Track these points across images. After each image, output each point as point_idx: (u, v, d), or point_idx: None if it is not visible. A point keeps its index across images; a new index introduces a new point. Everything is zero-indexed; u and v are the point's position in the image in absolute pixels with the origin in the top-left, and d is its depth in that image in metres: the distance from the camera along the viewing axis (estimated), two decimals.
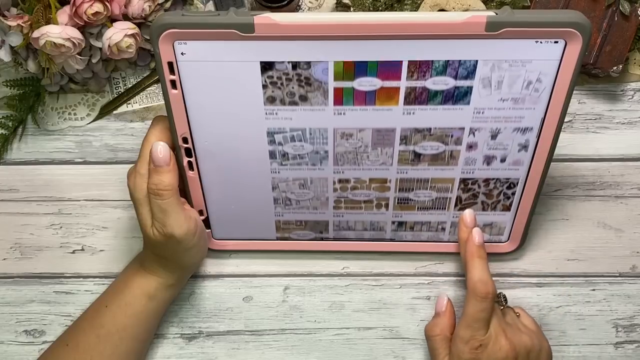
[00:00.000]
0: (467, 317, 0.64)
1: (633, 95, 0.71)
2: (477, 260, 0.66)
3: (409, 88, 0.58)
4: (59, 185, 0.74)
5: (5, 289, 0.76)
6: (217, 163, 0.64)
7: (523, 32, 0.53)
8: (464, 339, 0.64)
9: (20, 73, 0.71)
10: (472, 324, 0.64)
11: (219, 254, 0.75)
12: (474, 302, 0.64)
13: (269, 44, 0.54)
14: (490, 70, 0.57)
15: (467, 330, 0.64)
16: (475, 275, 0.64)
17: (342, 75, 0.58)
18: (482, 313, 0.64)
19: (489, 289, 0.64)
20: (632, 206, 0.73)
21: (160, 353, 0.75)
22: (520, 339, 0.65)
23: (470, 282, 0.65)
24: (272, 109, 0.60)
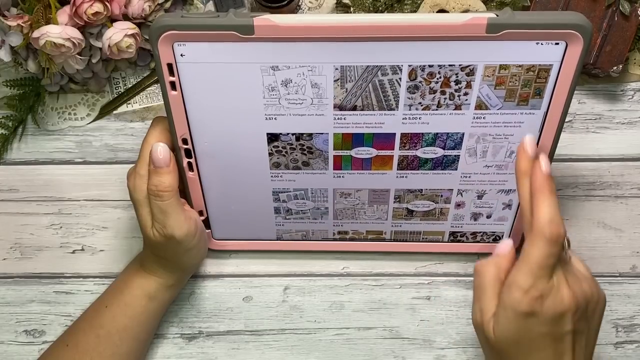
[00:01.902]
0: (531, 263, 0.52)
1: (633, 95, 0.71)
2: (548, 194, 0.52)
3: (402, 156, 0.64)
4: (59, 185, 0.74)
5: (5, 289, 0.76)
6: (216, 164, 0.64)
7: (524, 33, 0.52)
8: (522, 287, 0.52)
9: (20, 73, 0.71)
10: (535, 271, 0.52)
11: (219, 254, 0.75)
12: (542, 245, 0.52)
13: (268, 45, 0.54)
14: (475, 142, 0.62)
15: (528, 278, 0.52)
16: (546, 213, 0.52)
17: (341, 145, 0.63)
18: (550, 259, 0.52)
19: (561, 231, 0.52)
20: (632, 206, 0.73)
21: (160, 353, 0.75)
22: (582, 288, 0.54)
23: (538, 223, 0.52)
24: (277, 173, 0.66)
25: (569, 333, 0.54)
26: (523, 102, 0.59)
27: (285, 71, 0.57)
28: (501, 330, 0.54)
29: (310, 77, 0.58)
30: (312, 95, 0.59)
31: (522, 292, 0.52)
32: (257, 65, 0.56)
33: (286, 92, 0.59)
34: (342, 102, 0.60)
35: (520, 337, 0.54)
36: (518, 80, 0.57)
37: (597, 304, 0.56)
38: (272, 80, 0.58)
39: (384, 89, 0.59)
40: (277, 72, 0.57)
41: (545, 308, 0.53)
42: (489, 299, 0.56)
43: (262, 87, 0.58)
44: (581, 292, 0.54)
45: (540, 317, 0.53)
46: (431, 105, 0.60)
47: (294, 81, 0.58)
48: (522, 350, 0.54)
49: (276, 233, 0.71)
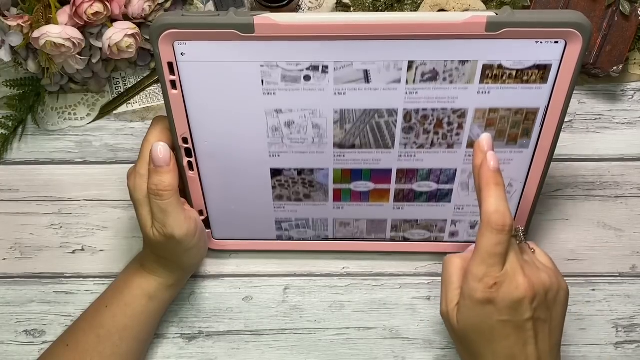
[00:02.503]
0: (481, 251, 0.55)
1: (633, 95, 0.71)
2: (494, 187, 0.55)
3: (398, 189, 0.67)
4: (59, 185, 0.74)
5: (5, 289, 0.76)
6: (217, 163, 0.64)
7: (523, 32, 0.53)
8: (477, 276, 0.56)
9: (20, 73, 0.71)
10: (486, 260, 0.55)
11: (219, 254, 0.75)
12: (489, 235, 0.55)
13: (269, 44, 0.54)
14: (467, 177, 0.66)
15: (480, 267, 0.55)
16: (492, 204, 0.55)
17: (340, 179, 0.66)
18: (498, 247, 0.55)
19: (507, 220, 0.54)
20: (632, 206, 0.73)
21: (160, 353, 0.75)
22: (539, 277, 0.57)
23: (485, 213, 0.55)
24: (280, 204, 0.69)
25: (529, 320, 0.56)
26: (512, 142, 0.62)
27: (288, 114, 0.60)
28: (463, 319, 0.58)
29: (311, 119, 0.61)
30: (313, 135, 0.62)
31: (477, 281, 0.56)
32: (257, 64, 0.56)
33: (289, 132, 0.62)
34: (341, 141, 0.63)
35: (481, 324, 0.57)
36: (507, 122, 0.61)
37: (557, 292, 0.58)
38: (276, 121, 0.61)
39: (380, 129, 0.62)
40: (280, 115, 0.61)
41: (501, 295, 0.55)
42: (453, 287, 0.59)
43: (267, 127, 0.62)
44: (538, 280, 0.56)
45: (497, 304, 0.55)
46: (425, 144, 0.63)
47: (296, 122, 0.61)
48: (485, 338, 0.57)
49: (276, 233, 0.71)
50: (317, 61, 0.56)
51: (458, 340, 0.60)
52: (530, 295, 0.55)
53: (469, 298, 0.57)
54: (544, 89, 0.58)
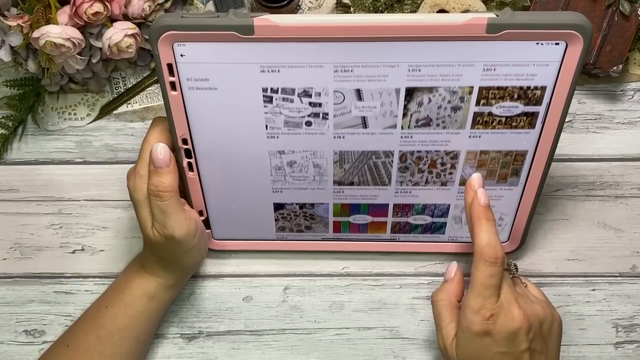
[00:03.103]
0: (476, 284, 0.58)
1: (633, 95, 0.71)
2: (484, 222, 0.59)
3: (394, 222, 0.71)
4: (59, 185, 0.74)
5: (5, 289, 0.76)
6: (216, 164, 0.64)
7: (524, 34, 0.52)
8: (474, 308, 0.58)
9: (20, 73, 0.71)
10: (482, 292, 0.58)
11: (219, 254, 0.75)
12: (483, 267, 0.58)
13: (268, 45, 0.54)
14: (460, 211, 0.69)
15: (477, 299, 0.58)
16: (483, 238, 0.58)
17: (339, 212, 0.70)
18: (492, 279, 0.58)
19: (498, 253, 0.58)
20: (632, 206, 0.73)
21: (160, 353, 0.75)
22: (533, 308, 0.60)
23: (477, 247, 0.58)
24: (282, 235, 0.72)
25: (526, 351, 0.59)
26: (502, 180, 0.66)
27: (290, 155, 0.64)
28: (462, 352, 0.60)
29: (312, 159, 0.64)
30: (314, 173, 0.66)
31: (474, 313, 0.58)
32: (257, 66, 0.56)
33: (291, 171, 0.66)
34: (340, 178, 0.66)
35: (480, 356, 0.60)
36: (497, 162, 0.64)
37: (551, 324, 0.61)
38: (279, 161, 0.64)
39: (377, 169, 0.65)
40: (283, 156, 0.64)
41: (498, 327, 0.58)
42: (446, 322, 0.63)
43: (270, 166, 0.65)
44: (533, 312, 0.59)
45: (494, 336, 0.58)
46: (420, 182, 0.67)
47: (298, 162, 0.65)
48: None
49: (276, 233, 0.72)
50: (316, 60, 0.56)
51: None
52: (526, 326, 0.58)
53: (467, 330, 0.59)
54: (531, 133, 0.61)
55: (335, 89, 0.58)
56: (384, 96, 0.59)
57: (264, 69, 0.57)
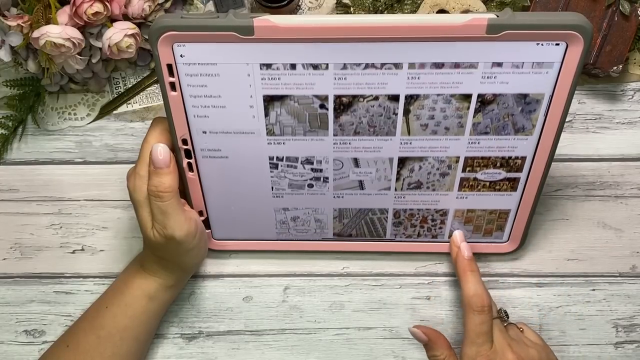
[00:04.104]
0: (469, 333, 0.64)
1: (633, 95, 0.71)
2: (469, 274, 0.66)
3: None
4: (59, 185, 0.74)
5: (5, 289, 0.76)
6: (216, 164, 0.64)
7: (524, 34, 0.52)
8: (470, 356, 0.64)
9: (20, 73, 0.71)
10: (475, 340, 0.63)
11: (219, 254, 0.75)
12: (472, 316, 0.64)
13: (268, 46, 0.54)
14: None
15: (471, 347, 0.64)
16: (470, 289, 0.65)
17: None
18: (482, 326, 0.63)
19: (484, 301, 0.64)
20: (632, 206, 0.73)
21: (160, 353, 0.76)
22: (528, 353, 0.64)
23: (465, 298, 0.65)
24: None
25: None
26: (488, 234, 0.71)
27: (293, 211, 0.69)
28: None
29: (314, 215, 0.70)
30: (316, 227, 0.71)
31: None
32: (256, 66, 0.56)
33: (294, 225, 0.71)
34: (340, 231, 0.72)
35: None
36: (483, 219, 0.70)
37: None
38: (283, 216, 0.70)
39: (373, 223, 0.71)
40: (287, 212, 0.69)
41: None
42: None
43: (275, 221, 0.70)
44: (527, 356, 0.64)
45: None
46: (412, 235, 0.72)
47: (301, 218, 0.70)
48: None
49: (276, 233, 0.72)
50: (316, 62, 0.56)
51: None
52: None
53: None
54: (513, 195, 0.67)
55: (335, 157, 0.64)
56: (379, 164, 0.65)
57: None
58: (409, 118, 0.61)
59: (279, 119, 0.61)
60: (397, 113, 0.60)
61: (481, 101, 0.59)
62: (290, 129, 0.62)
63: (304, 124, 0.61)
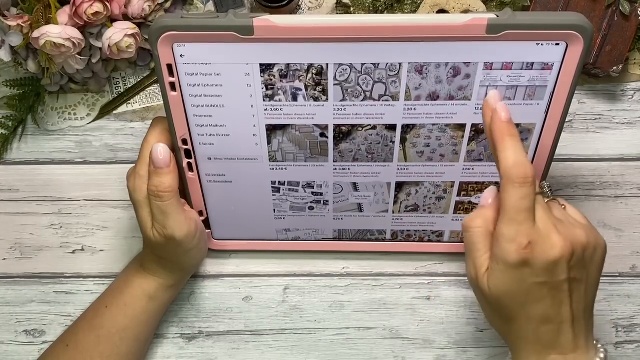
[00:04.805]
0: (508, 209, 0.52)
1: (633, 95, 0.71)
2: (508, 140, 0.53)
3: None
4: (59, 185, 0.74)
5: (5, 289, 0.76)
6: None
7: (524, 34, 0.52)
8: (508, 237, 0.52)
9: (20, 73, 0.71)
10: (514, 217, 0.52)
11: (219, 254, 0.75)
12: (512, 190, 0.52)
13: (268, 46, 0.54)
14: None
15: (510, 226, 0.52)
16: (509, 157, 0.52)
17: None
18: (524, 201, 0.52)
19: (528, 171, 0.51)
20: (632, 206, 0.73)
21: (160, 353, 0.75)
22: (575, 234, 0.53)
23: (503, 169, 0.52)
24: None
25: (566, 282, 0.53)
26: None
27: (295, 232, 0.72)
28: (496, 285, 0.54)
29: (314, 235, 0.72)
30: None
31: (509, 242, 0.52)
32: (256, 66, 0.56)
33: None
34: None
35: (516, 288, 0.53)
36: None
37: (594, 250, 0.55)
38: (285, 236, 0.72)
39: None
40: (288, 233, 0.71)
41: (536, 256, 0.52)
42: (480, 253, 0.55)
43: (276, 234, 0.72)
44: (574, 239, 0.53)
45: (533, 266, 0.52)
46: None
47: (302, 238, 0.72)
48: (519, 301, 0.54)
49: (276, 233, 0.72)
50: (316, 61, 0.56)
51: (489, 306, 0.56)
52: (568, 253, 0.52)
53: (503, 262, 0.53)
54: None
55: (335, 182, 0.66)
56: (377, 188, 0.67)
57: (273, 167, 0.64)
58: (405, 146, 0.63)
59: (281, 146, 0.63)
60: (395, 141, 0.63)
61: (475, 130, 0.62)
62: (292, 156, 0.64)
63: (305, 151, 0.64)
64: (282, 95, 0.59)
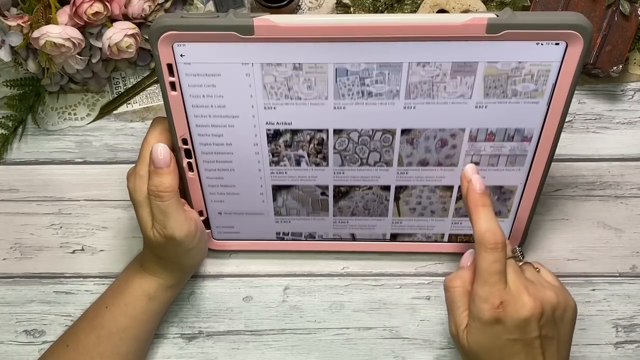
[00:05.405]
0: (481, 272, 0.58)
1: (633, 95, 0.71)
2: (481, 209, 0.59)
3: None
4: (59, 185, 0.74)
5: (5, 289, 0.76)
6: (216, 164, 0.64)
7: (524, 34, 0.52)
8: (482, 297, 0.57)
9: (20, 73, 0.71)
10: (487, 279, 0.57)
11: (219, 254, 0.75)
12: (484, 254, 0.57)
13: (268, 46, 0.54)
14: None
15: (484, 287, 0.57)
16: (482, 225, 0.58)
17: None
18: (495, 265, 0.57)
19: (498, 238, 0.57)
20: (632, 206, 0.73)
21: (160, 353, 0.75)
22: (544, 295, 0.59)
23: (477, 234, 0.58)
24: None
25: (537, 339, 0.58)
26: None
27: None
28: (474, 340, 0.59)
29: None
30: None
31: (483, 302, 0.58)
32: (257, 66, 0.56)
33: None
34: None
35: (491, 344, 0.58)
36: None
37: (564, 310, 0.60)
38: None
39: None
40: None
41: (508, 315, 0.57)
42: (460, 311, 0.61)
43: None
44: (544, 299, 0.58)
45: (505, 324, 0.57)
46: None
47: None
48: (495, 356, 0.59)
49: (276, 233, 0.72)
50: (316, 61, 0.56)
51: (468, 359, 0.61)
52: (537, 313, 0.57)
53: (478, 319, 0.58)
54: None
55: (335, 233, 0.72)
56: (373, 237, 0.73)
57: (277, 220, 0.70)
58: (399, 203, 0.69)
59: (286, 203, 0.68)
60: (389, 199, 0.68)
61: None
62: (295, 211, 0.70)
63: (307, 207, 0.69)
64: (287, 161, 0.64)
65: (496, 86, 0.58)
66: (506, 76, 0.57)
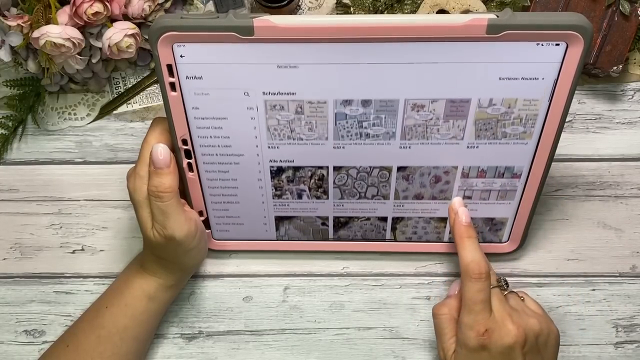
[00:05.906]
0: (467, 301, 0.61)
1: (633, 95, 0.71)
2: (466, 241, 0.63)
3: None
4: (59, 185, 0.74)
5: (5, 289, 0.76)
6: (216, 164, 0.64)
7: (524, 34, 0.52)
8: (468, 324, 0.61)
9: (20, 73, 0.71)
10: (472, 308, 0.61)
11: (219, 254, 0.75)
12: (469, 284, 0.61)
13: (268, 46, 0.54)
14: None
15: (469, 315, 0.61)
16: (467, 256, 0.62)
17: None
18: (479, 294, 0.61)
19: (482, 268, 0.61)
20: (632, 206, 0.73)
21: (160, 353, 0.75)
22: (528, 322, 0.62)
23: (462, 264, 0.62)
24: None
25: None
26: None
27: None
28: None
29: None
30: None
31: (469, 329, 0.61)
32: (256, 66, 0.56)
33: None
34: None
35: None
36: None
37: (547, 337, 0.63)
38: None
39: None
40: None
41: (493, 342, 0.60)
42: (447, 337, 0.65)
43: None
44: (527, 326, 0.61)
45: (490, 350, 0.61)
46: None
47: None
48: None
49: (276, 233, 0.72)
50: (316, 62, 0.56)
51: None
52: (521, 340, 0.60)
53: (464, 346, 0.62)
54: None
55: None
56: None
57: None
58: (395, 233, 0.71)
59: (288, 232, 0.71)
60: (386, 229, 0.71)
61: None
62: (296, 238, 0.72)
63: (308, 235, 0.72)
64: (289, 195, 0.67)
65: (487, 128, 0.61)
66: (496, 120, 0.60)
